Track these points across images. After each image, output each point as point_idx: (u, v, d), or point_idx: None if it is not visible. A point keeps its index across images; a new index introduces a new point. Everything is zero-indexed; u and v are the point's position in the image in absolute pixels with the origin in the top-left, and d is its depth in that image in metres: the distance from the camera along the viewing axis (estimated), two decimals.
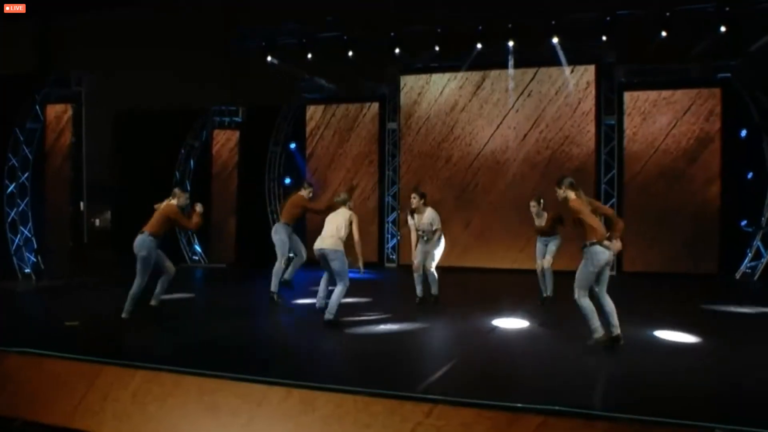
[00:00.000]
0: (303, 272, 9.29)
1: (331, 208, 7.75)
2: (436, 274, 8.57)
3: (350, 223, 7.42)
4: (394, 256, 14.85)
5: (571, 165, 13.28)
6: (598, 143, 13.21)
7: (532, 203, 8.77)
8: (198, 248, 15.23)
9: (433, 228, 8.27)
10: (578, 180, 12.75)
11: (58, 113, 10.98)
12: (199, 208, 7.68)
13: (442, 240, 8.50)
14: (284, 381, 4.97)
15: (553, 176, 13.31)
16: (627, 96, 13.09)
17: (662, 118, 12.84)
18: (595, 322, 6.05)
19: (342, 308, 7.49)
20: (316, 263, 7.56)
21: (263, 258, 14.62)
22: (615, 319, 6.02)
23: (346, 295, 7.46)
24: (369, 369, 5.78)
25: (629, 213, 12.98)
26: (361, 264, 7.42)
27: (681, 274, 12.37)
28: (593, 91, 13.16)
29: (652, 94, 12.93)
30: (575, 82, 13.26)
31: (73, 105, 10.93)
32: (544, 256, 8.57)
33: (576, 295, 6.05)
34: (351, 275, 7.41)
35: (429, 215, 8.30)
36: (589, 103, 13.18)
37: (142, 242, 7.41)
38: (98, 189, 17.87)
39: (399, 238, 14.61)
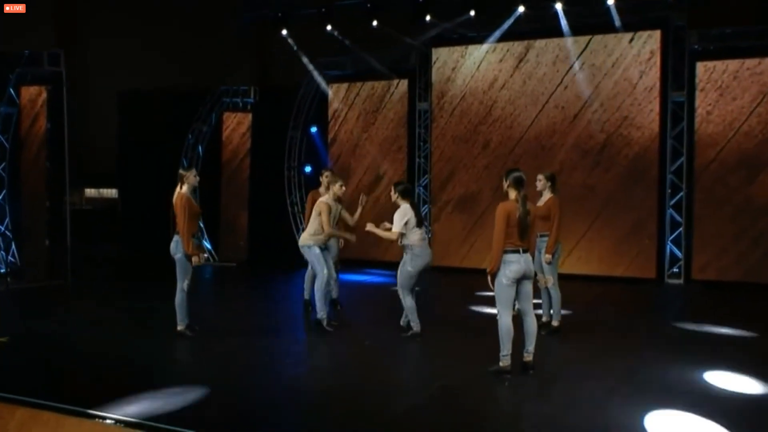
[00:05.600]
0: None
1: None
2: (406, 302, 7.35)
3: (318, 214, 7.60)
4: None
5: (630, 151, 12.07)
6: (664, 125, 11.90)
7: (539, 177, 7.58)
8: (207, 245, 14.89)
9: (393, 229, 7.14)
10: (639, 169, 11.95)
11: (32, 96, 10.75)
12: (196, 260, 7.13)
13: (411, 252, 7.15)
14: (174, 428, 4.57)
15: (609, 165, 12.36)
16: (700, 66, 11.70)
17: (744, 93, 11.39)
18: (509, 347, 5.83)
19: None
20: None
21: (279, 257, 14.23)
22: (531, 344, 5.92)
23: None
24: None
25: (700, 209, 11.68)
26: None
27: (764, 285, 10.97)
28: (658, 62, 11.85)
29: (732, 64, 11.48)
30: (636, 52, 11.97)
31: (48, 87, 10.65)
32: (542, 267, 7.44)
33: (498, 315, 5.85)
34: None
35: (395, 215, 7.21)
36: (653, 77, 11.88)
37: (175, 244, 7.15)
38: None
39: (430, 234, 13.77)
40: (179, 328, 7.31)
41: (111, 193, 29.38)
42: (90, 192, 26.85)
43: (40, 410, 4.94)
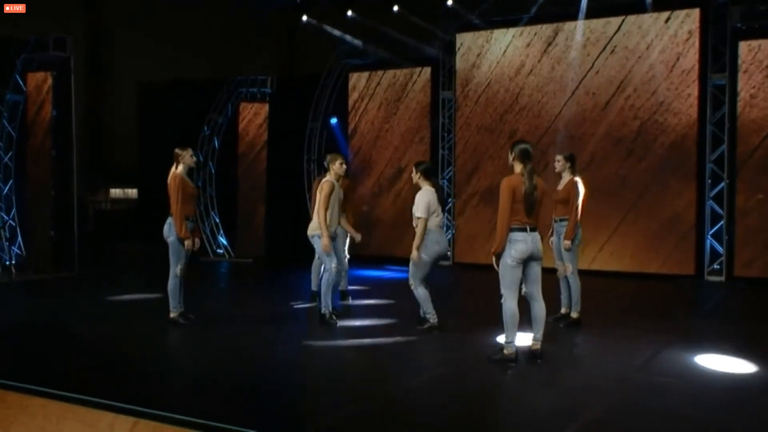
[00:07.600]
0: None
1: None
2: (418, 292, 6.94)
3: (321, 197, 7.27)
4: (449, 252, 13.67)
5: (667, 139, 11.56)
6: (703, 110, 11.36)
7: (558, 157, 7.31)
8: (223, 240, 14.79)
9: (416, 216, 6.75)
10: (676, 158, 11.43)
11: (39, 83, 10.74)
12: (189, 244, 6.92)
13: (426, 237, 6.67)
14: (134, 408, 4.37)
15: (643, 154, 11.88)
16: (743, 46, 11.13)
17: None
18: (513, 333, 5.52)
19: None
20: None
21: (297, 252, 14.01)
22: (539, 332, 5.60)
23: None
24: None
25: (743, 200, 11.11)
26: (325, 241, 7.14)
27: None
28: (697, 43, 11.33)
29: None
30: (673, 32, 11.49)
31: (54, 73, 10.63)
32: (561, 254, 7.11)
33: (502, 299, 5.53)
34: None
35: (417, 198, 6.95)
36: (691, 59, 11.37)
37: (168, 227, 6.98)
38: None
39: (453, 229, 13.46)
40: (172, 315, 7.11)
41: (135, 193, 29.73)
42: (115, 192, 27.17)
43: (5, 391, 4.79)
